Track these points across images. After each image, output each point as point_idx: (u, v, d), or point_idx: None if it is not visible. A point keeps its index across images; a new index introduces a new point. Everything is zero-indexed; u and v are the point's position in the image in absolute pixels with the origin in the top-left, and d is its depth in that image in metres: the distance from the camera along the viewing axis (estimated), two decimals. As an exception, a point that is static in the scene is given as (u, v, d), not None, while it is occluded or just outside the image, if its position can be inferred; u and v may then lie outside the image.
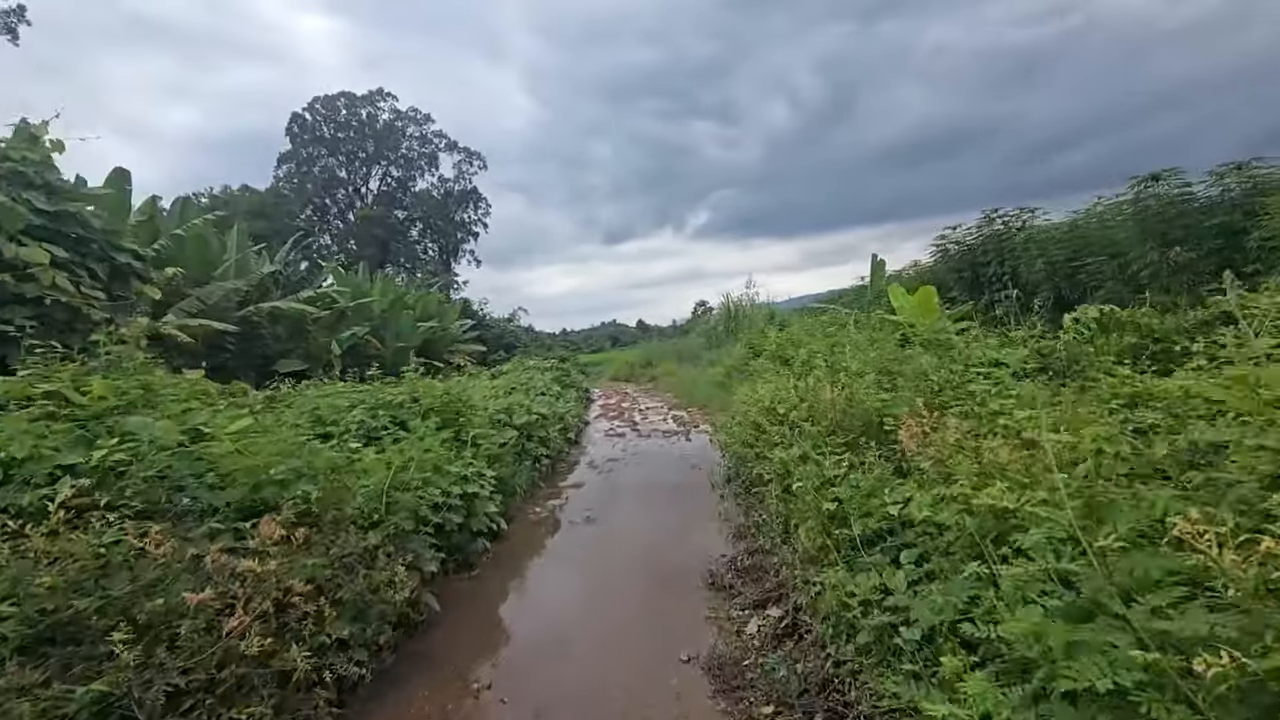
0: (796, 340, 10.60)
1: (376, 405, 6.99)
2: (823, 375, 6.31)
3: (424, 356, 26.15)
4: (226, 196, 41.86)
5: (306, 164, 44.75)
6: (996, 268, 15.68)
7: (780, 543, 4.51)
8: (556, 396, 12.73)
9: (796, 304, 24.38)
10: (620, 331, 76.20)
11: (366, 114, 45.98)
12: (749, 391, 9.56)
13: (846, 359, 7.26)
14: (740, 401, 9.35)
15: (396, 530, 4.07)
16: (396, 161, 46.55)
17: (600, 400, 18.74)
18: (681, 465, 8.69)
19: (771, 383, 7.88)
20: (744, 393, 9.60)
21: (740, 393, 10.51)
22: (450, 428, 7.03)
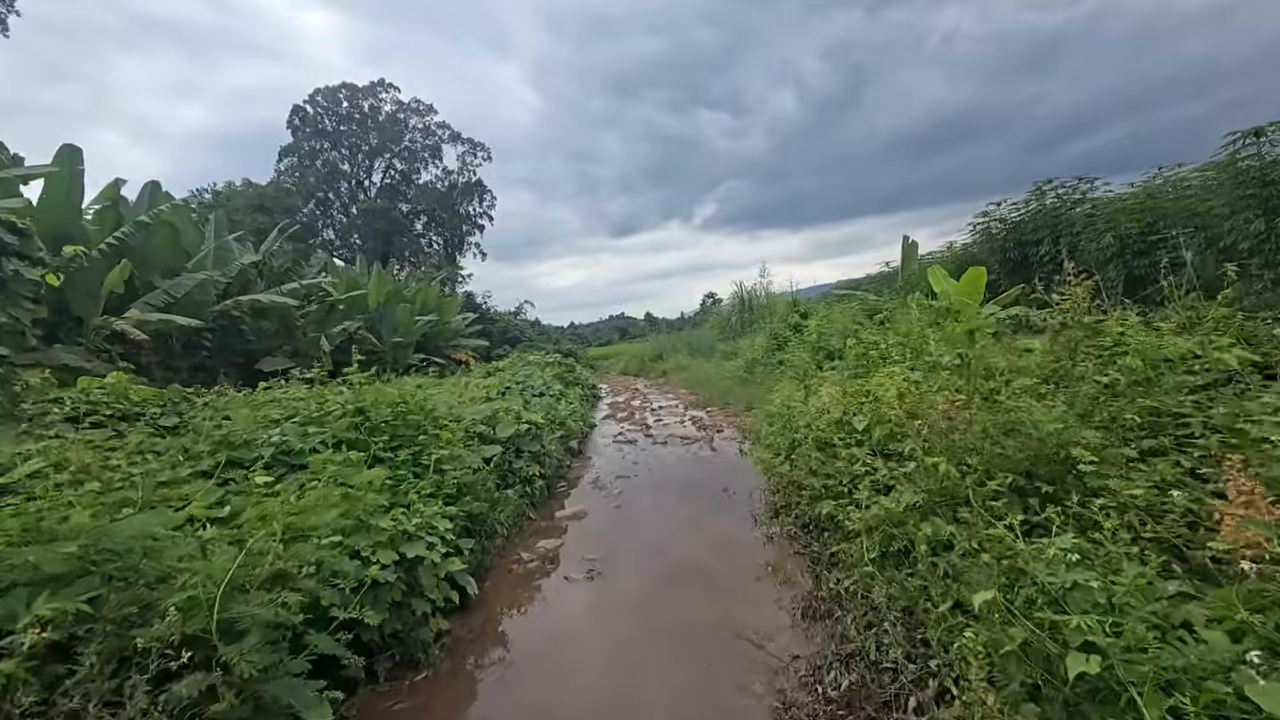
0: (842, 329, 8.72)
1: (310, 420, 5.18)
2: (937, 380, 4.43)
3: (423, 352, 24.46)
4: (229, 192, 40.26)
5: (308, 157, 42.98)
6: (1049, 246, 13.69)
7: (906, 660, 2.66)
8: (558, 397, 10.91)
9: (812, 293, 22.46)
10: (628, 324, 74.41)
11: (368, 106, 44.15)
12: (789, 393, 7.70)
13: (937, 352, 5.40)
14: (779, 405, 7.50)
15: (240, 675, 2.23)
16: (399, 154, 44.72)
17: (609, 398, 16.90)
18: (708, 486, 6.82)
19: (834, 385, 5.99)
20: (783, 394, 7.74)
21: (778, 393, 8.66)
22: (407, 448, 5.22)
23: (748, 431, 9.32)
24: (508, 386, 10.57)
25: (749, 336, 20.68)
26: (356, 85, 43.60)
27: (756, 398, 11.32)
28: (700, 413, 12.15)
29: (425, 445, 5.19)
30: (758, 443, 7.88)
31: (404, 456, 5.01)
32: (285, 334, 18.76)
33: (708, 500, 6.28)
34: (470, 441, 6.05)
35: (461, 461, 5.21)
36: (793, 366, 9.11)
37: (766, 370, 13.44)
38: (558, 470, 7.69)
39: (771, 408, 8.87)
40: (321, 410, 5.31)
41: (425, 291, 26.14)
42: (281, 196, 40.41)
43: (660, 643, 3.60)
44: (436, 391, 8.04)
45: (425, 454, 5.03)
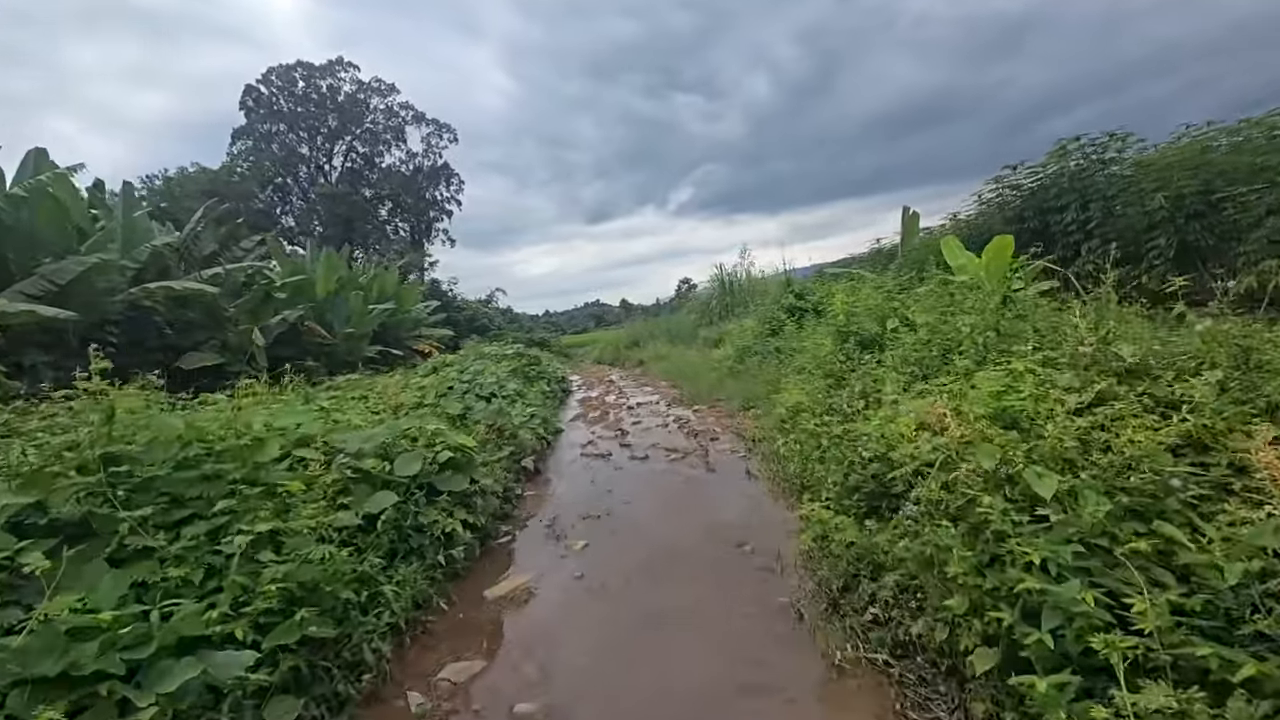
0: (877, 308, 6.49)
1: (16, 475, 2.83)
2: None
3: (381, 344, 21.88)
4: (181, 178, 36.93)
5: (264, 140, 39.70)
6: (1076, 213, 11.57)
7: None
8: (513, 399, 8.62)
9: (797, 275, 20.33)
10: (604, 311, 72.04)
11: (327, 86, 40.87)
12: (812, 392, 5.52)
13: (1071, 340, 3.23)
14: (795, 409, 5.32)
15: None
16: (361, 136, 41.56)
17: (580, 393, 14.60)
18: (715, 537, 4.51)
19: (922, 397, 3.77)
20: (797, 392, 5.58)
21: (790, 391, 6.47)
22: (203, 520, 2.89)
23: (752, 440, 7.12)
24: (450, 387, 8.24)
25: (732, 321, 18.52)
26: (313, 64, 40.31)
27: (754, 393, 9.12)
28: (686, 412, 9.92)
29: (238, 513, 2.90)
30: (777, 461, 5.69)
31: (190, 540, 2.72)
32: (213, 326, 16.09)
33: (717, 568, 4.00)
34: (346, 492, 3.76)
35: (304, 541, 2.92)
36: (809, 356, 6.89)
37: (762, 359, 11.26)
38: (500, 508, 5.40)
39: (781, 409, 6.68)
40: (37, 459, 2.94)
41: (382, 278, 23.51)
42: (235, 181, 37.22)
43: None
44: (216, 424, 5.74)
45: (234, 530, 2.75)
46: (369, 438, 4.20)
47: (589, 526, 5.05)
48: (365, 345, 20.61)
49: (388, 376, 12.19)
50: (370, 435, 4.23)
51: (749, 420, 8.11)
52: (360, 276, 23.06)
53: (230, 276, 17.01)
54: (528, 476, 6.72)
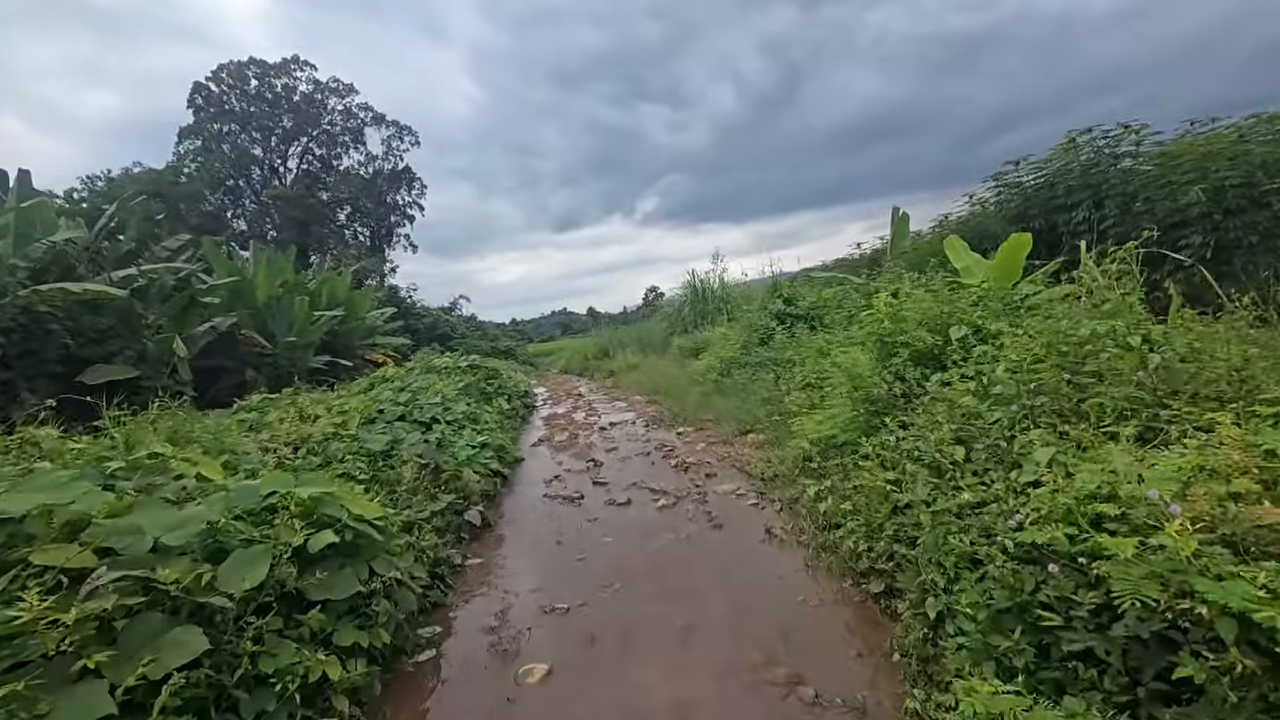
0: (937, 314, 4.85)
1: None
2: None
3: (330, 354, 19.74)
4: (124, 179, 34.00)
5: (214, 140, 36.95)
6: (1089, 211, 10.25)
7: None
8: (460, 424, 6.85)
9: (761, 284, 18.92)
10: (571, 320, 70.13)
11: (282, 85, 38.32)
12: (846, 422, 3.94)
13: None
14: (848, 459, 3.71)
15: None
16: (317, 138, 39.07)
17: (545, 408, 12.82)
18: (743, 645, 2.88)
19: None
20: (825, 423, 3.99)
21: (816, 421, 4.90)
22: None
23: (761, 479, 5.50)
24: (379, 410, 6.45)
25: (707, 329, 16.98)
26: (267, 62, 37.72)
27: (753, 414, 7.53)
28: (669, 435, 8.26)
29: None
30: (810, 518, 4.06)
31: None
32: (128, 335, 13.90)
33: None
34: (107, 632, 2.03)
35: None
36: (845, 375, 5.22)
37: (752, 373, 9.69)
38: (424, 598, 3.65)
39: (804, 441, 5.08)
40: None
41: (333, 282, 21.32)
42: (182, 183, 34.47)
43: None
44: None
45: None
46: (181, 522, 2.43)
47: (553, 630, 3.34)
48: (310, 355, 18.46)
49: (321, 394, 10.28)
50: (185, 519, 2.46)
51: (751, 450, 6.50)
52: (307, 281, 20.88)
53: (159, 280, 14.82)
54: (473, 533, 4.97)
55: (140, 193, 33.95)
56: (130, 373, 13.54)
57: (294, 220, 35.92)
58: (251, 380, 16.94)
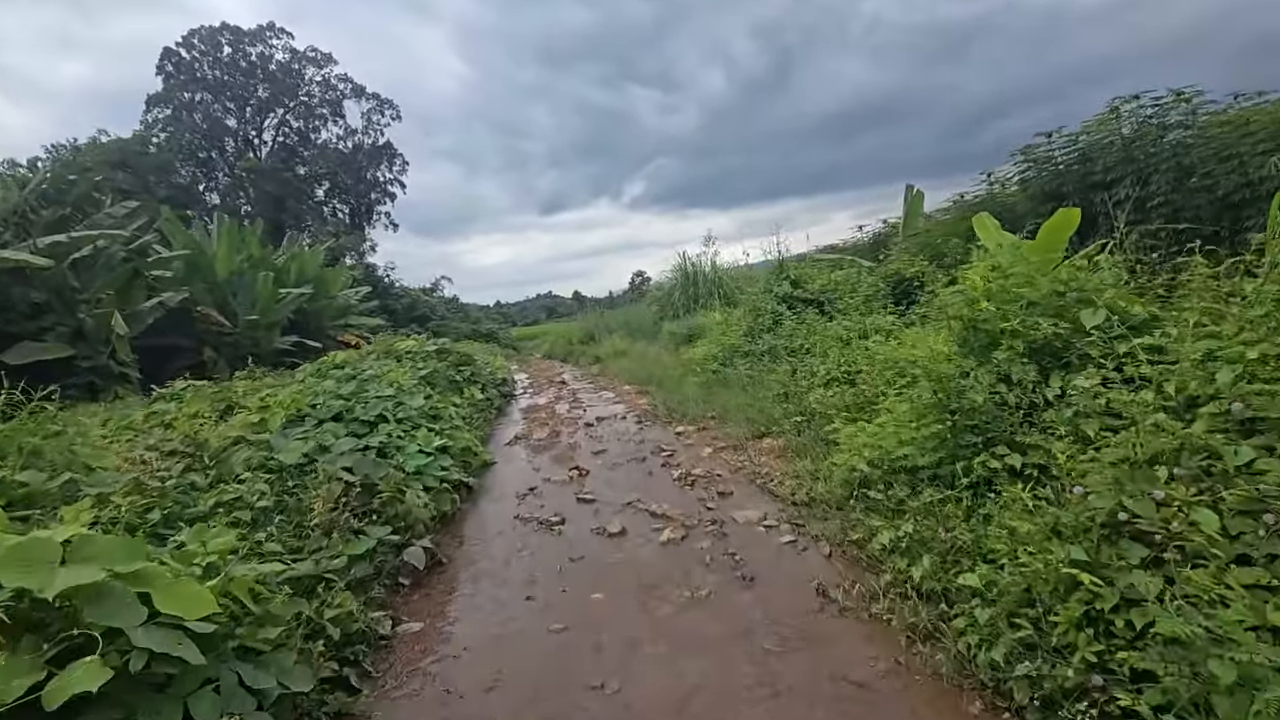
0: (1046, 295, 3.54)
1: None
2: None
3: (298, 334, 18.16)
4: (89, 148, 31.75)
5: (184, 109, 34.71)
6: (1132, 188, 9.02)
7: None
8: (415, 424, 5.47)
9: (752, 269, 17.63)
10: (556, 303, 68.52)
11: (257, 54, 36.08)
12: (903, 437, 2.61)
13: None
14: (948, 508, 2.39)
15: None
16: (294, 109, 36.92)
17: (525, 398, 11.45)
18: None
19: None
20: (885, 437, 2.64)
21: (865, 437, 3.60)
22: None
23: (794, 503, 4.21)
24: (312, 404, 5.07)
25: (699, 313, 15.67)
26: (241, 29, 35.46)
27: (767, 413, 6.25)
28: (667, 435, 6.94)
29: None
30: (891, 582, 2.75)
31: None
32: (63, 310, 12.28)
33: None
34: None
35: None
36: (925, 373, 3.87)
37: (758, 362, 8.40)
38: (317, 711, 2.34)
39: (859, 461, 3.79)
40: None
41: (302, 258, 19.67)
42: (151, 153, 32.29)
43: None
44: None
45: None
46: None
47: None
48: (276, 335, 16.88)
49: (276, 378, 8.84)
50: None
51: (772, 460, 5.20)
52: (274, 256, 19.22)
53: (106, 250, 13.16)
54: (415, 578, 3.63)
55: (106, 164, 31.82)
56: (64, 351, 11.99)
57: (269, 195, 33.92)
58: (210, 361, 15.37)
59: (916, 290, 9.30)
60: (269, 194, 33.91)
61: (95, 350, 12.13)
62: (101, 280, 12.50)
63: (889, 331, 7.36)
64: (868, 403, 5.10)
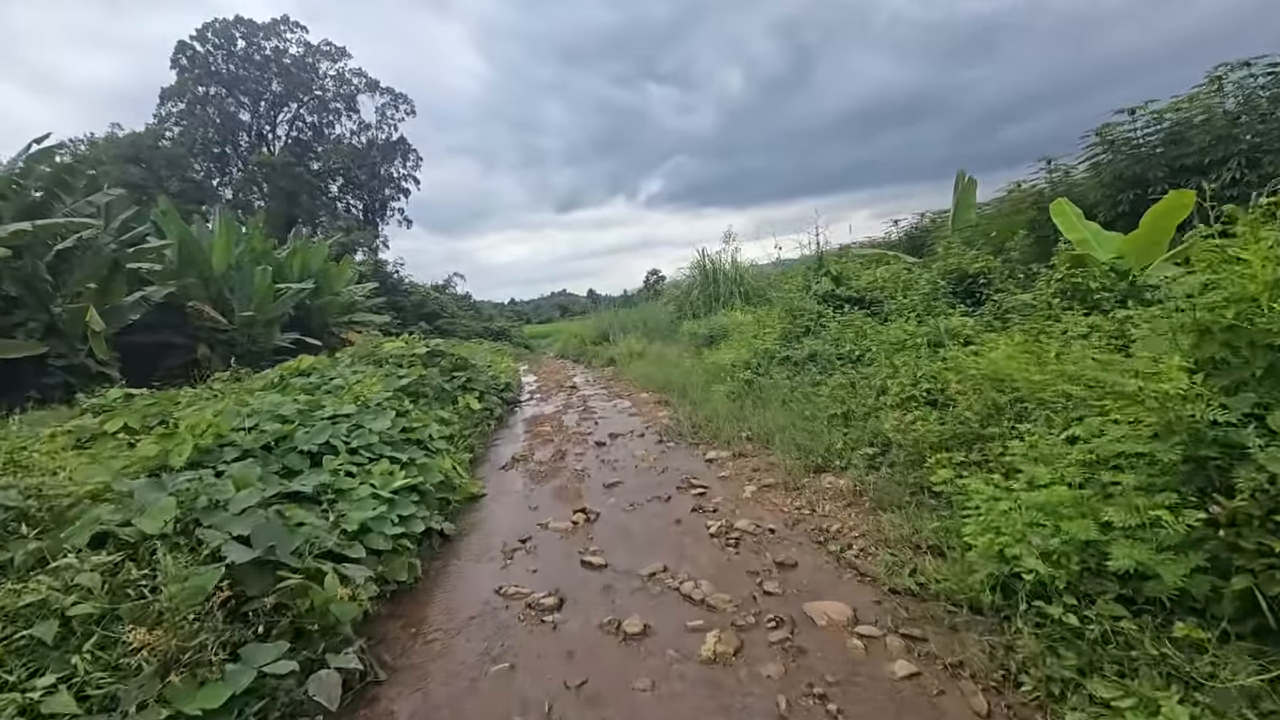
0: None
1: None
2: None
3: (299, 330, 16.96)
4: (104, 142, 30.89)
5: (198, 103, 33.81)
6: (1238, 170, 7.53)
7: None
8: (375, 456, 4.16)
9: (771, 270, 16.18)
10: (570, 301, 67.32)
11: (271, 47, 35.10)
12: None
13: None
14: None
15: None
16: (308, 104, 35.90)
17: (530, 405, 10.12)
18: None
19: None
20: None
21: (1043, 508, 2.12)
22: None
23: (897, 590, 2.84)
24: (247, 427, 3.78)
25: (720, 313, 14.30)
26: (255, 22, 34.47)
27: (820, 437, 4.87)
28: (694, 461, 5.57)
29: None
30: None
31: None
32: (35, 305, 11.13)
33: None
34: None
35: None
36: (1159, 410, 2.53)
37: (798, 371, 7.01)
38: None
39: (1003, 538, 2.40)
40: None
41: (306, 253, 18.47)
42: (165, 147, 31.37)
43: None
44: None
45: None
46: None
47: None
48: (275, 332, 15.68)
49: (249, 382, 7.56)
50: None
51: (842, 509, 3.82)
52: (278, 250, 18.06)
53: (93, 243, 12.02)
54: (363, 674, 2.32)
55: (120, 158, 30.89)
56: (36, 349, 10.81)
57: (282, 190, 32.93)
58: (204, 359, 14.22)
59: (983, 288, 7.87)
60: (282, 189, 32.92)
61: (71, 348, 10.98)
62: (80, 273, 11.37)
63: (966, 338, 5.95)
64: (975, 437, 3.71)
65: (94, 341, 10.86)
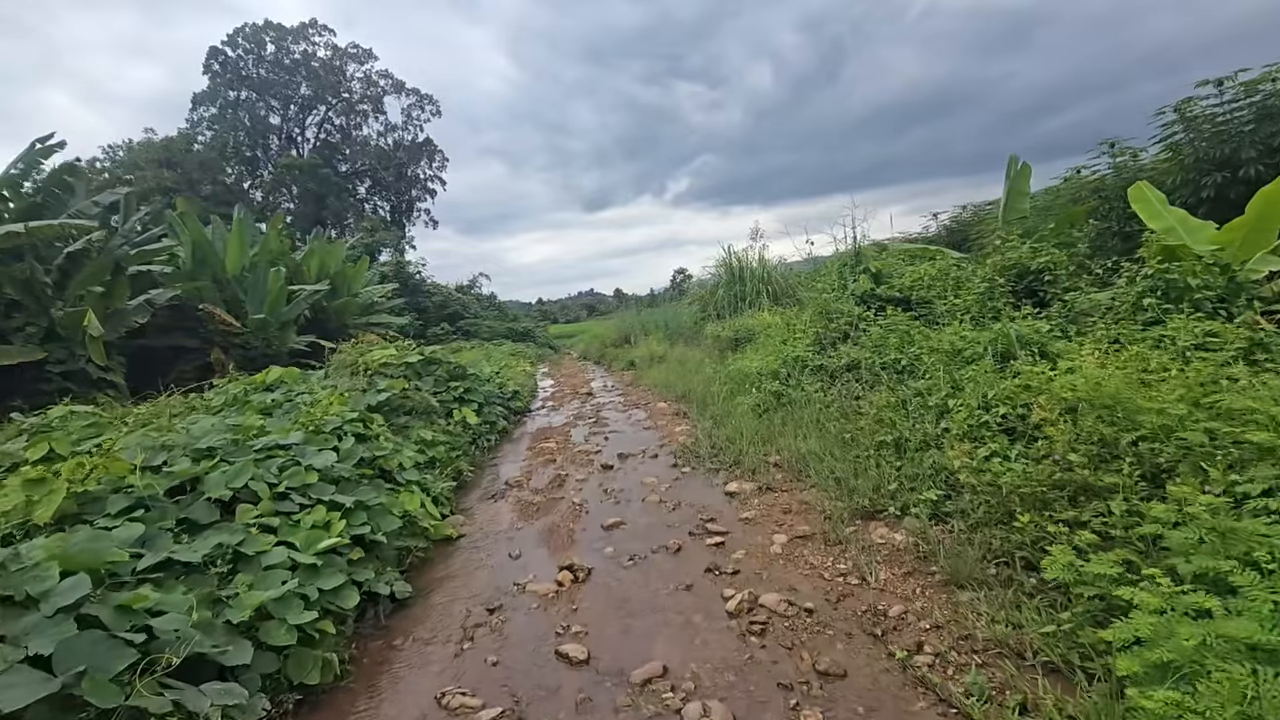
0: None
1: None
2: None
3: (316, 333, 16.40)
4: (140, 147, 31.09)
5: (230, 107, 33.88)
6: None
7: None
8: (304, 506, 3.35)
9: (801, 267, 15.03)
10: (597, 301, 66.62)
11: (300, 52, 35.01)
12: None
13: None
14: None
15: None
16: (336, 107, 35.73)
17: (540, 417, 9.28)
18: None
19: None
20: None
21: None
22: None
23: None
24: (158, 464, 3.01)
25: (746, 313, 13.29)
26: (285, 26, 34.38)
27: (865, 469, 3.89)
28: (714, 494, 4.64)
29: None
30: None
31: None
32: (35, 309, 10.69)
33: None
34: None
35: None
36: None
37: (833, 382, 6.02)
38: None
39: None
40: None
41: (324, 254, 17.97)
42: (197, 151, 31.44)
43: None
44: None
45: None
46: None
47: None
48: (290, 334, 15.13)
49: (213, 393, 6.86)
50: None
51: (901, 578, 2.87)
52: (296, 252, 17.58)
53: (100, 245, 11.58)
54: None
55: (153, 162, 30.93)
56: (33, 355, 10.34)
57: (310, 192, 32.78)
58: (218, 363, 13.73)
59: (1047, 286, 6.77)
60: (310, 191, 32.77)
61: (70, 353, 10.50)
62: (81, 275, 10.91)
63: (1040, 346, 4.90)
64: (1082, 489, 2.72)
65: (91, 347, 10.36)
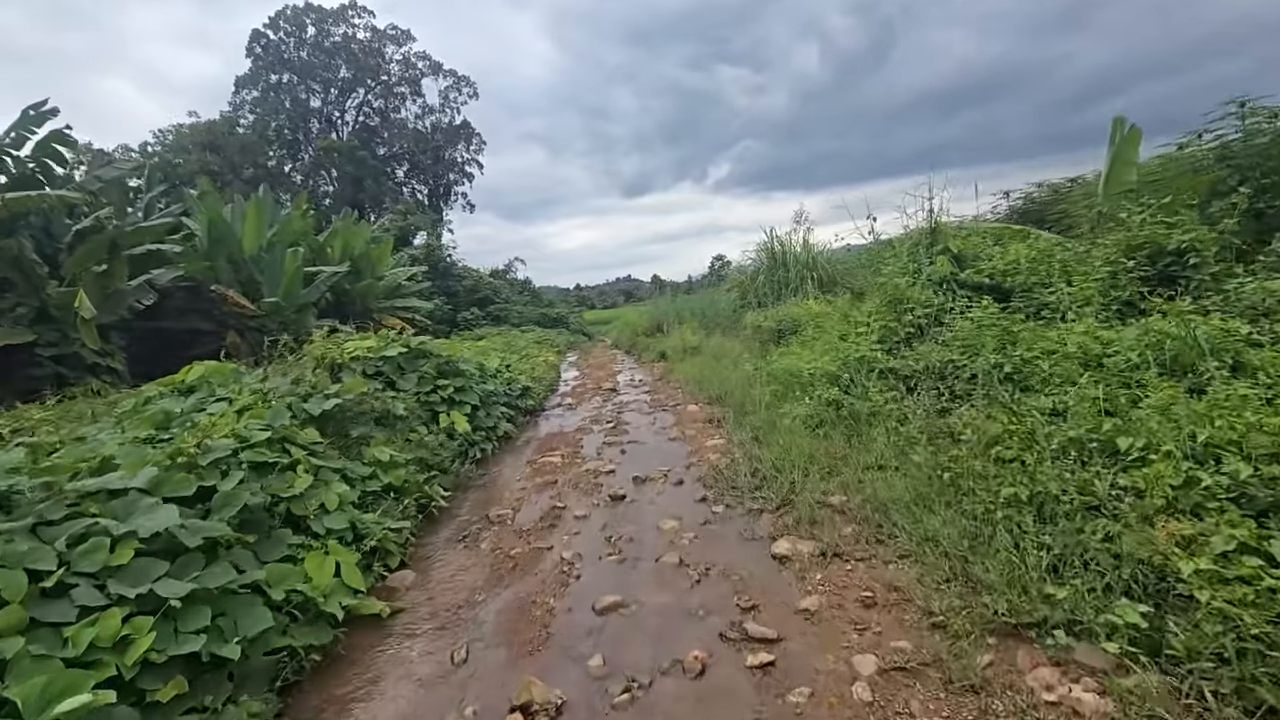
0: None
1: None
2: None
3: (338, 316, 15.43)
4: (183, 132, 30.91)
5: (272, 90, 33.44)
6: None
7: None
8: (115, 600, 2.16)
9: (842, 254, 13.28)
10: (635, 287, 65.22)
11: (340, 34, 34.31)
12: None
13: None
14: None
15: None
16: (375, 89, 34.98)
17: (554, 418, 8.00)
18: None
19: None
20: None
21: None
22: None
23: None
24: None
25: (789, 301, 11.74)
26: (324, 8, 33.69)
27: (987, 545, 2.44)
28: (756, 553, 3.29)
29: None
30: None
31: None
32: (26, 289, 9.92)
33: None
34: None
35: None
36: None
37: (910, 391, 4.56)
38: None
39: None
40: None
41: (348, 235, 17.02)
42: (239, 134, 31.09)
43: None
44: None
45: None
46: None
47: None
48: (308, 318, 14.19)
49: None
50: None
51: None
52: (315, 233, 16.69)
53: (110, 224, 10.79)
54: None
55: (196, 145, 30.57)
56: (22, 337, 9.56)
57: (349, 175, 32.17)
58: (233, 347, 12.90)
59: (1190, 271, 5.11)
60: (348, 174, 32.16)
61: (64, 336, 9.70)
62: (77, 254, 10.10)
63: (1235, 355, 3.34)
64: None
65: (83, 329, 9.53)
